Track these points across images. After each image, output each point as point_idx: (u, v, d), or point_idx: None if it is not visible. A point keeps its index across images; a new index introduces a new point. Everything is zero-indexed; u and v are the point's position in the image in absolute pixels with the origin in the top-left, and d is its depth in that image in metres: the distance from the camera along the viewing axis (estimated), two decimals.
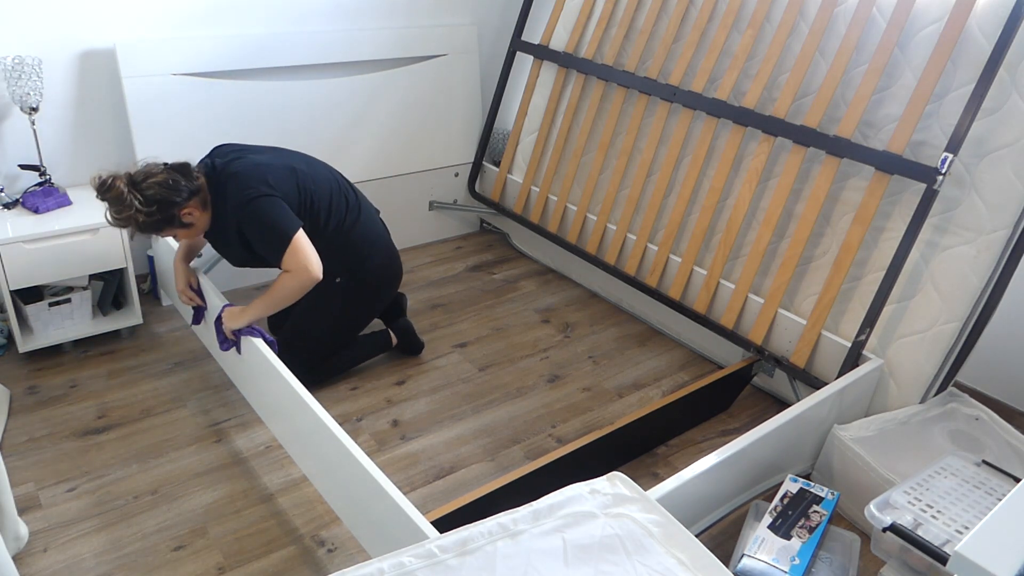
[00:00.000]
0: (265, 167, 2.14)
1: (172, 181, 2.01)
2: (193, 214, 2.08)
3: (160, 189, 1.99)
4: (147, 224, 2.01)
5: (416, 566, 1.17)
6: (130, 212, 1.97)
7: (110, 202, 1.98)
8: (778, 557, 1.70)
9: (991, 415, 2.17)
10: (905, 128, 2.09)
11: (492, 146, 3.55)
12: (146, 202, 1.97)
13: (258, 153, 2.21)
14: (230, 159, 2.16)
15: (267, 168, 2.14)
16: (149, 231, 2.05)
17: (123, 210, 1.97)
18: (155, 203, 1.98)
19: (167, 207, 2.01)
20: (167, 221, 2.03)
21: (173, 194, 2.01)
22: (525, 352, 2.70)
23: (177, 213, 2.04)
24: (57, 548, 1.81)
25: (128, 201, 1.96)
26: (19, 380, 2.38)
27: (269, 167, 2.15)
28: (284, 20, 2.88)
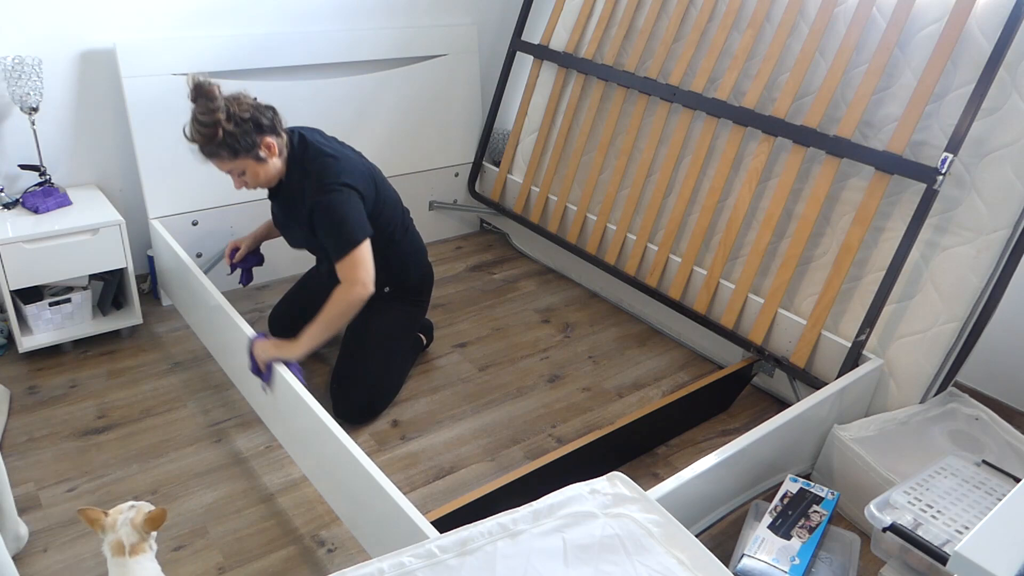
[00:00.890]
0: (355, 162, 2.13)
1: (264, 108, 1.98)
2: (272, 149, 2.01)
3: (253, 107, 1.95)
4: (228, 137, 1.91)
5: (416, 566, 1.17)
6: (218, 116, 1.88)
7: (201, 101, 1.89)
8: (778, 557, 1.70)
9: (991, 415, 2.18)
10: (905, 128, 2.09)
11: (492, 146, 3.55)
12: (239, 110, 1.91)
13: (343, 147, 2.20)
14: (319, 138, 2.13)
15: (356, 164, 2.12)
16: (223, 149, 1.94)
17: (212, 113, 1.88)
18: (247, 114, 1.93)
19: (254, 125, 1.94)
20: (247, 142, 1.94)
21: (263, 117, 1.96)
22: (525, 352, 2.70)
23: (259, 140, 1.96)
24: (57, 548, 1.81)
25: (220, 104, 1.89)
26: (19, 380, 2.38)
27: (357, 163, 2.13)
28: (284, 20, 2.88)
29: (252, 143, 1.95)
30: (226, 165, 2.00)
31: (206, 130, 1.90)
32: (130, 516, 1.46)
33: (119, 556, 1.43)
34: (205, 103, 1.89)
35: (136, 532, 1.44)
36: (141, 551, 1.44)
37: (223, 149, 1.94)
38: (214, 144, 1.92)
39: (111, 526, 1.45)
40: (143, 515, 1.46)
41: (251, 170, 2.02)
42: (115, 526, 1.44)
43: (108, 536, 1.45)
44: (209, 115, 1.89)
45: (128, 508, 1.47)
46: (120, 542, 1.43)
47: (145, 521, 1.45)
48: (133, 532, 1.44)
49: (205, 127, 1.90)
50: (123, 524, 1.44)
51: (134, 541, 1.44)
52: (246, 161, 1.98)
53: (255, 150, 1.97)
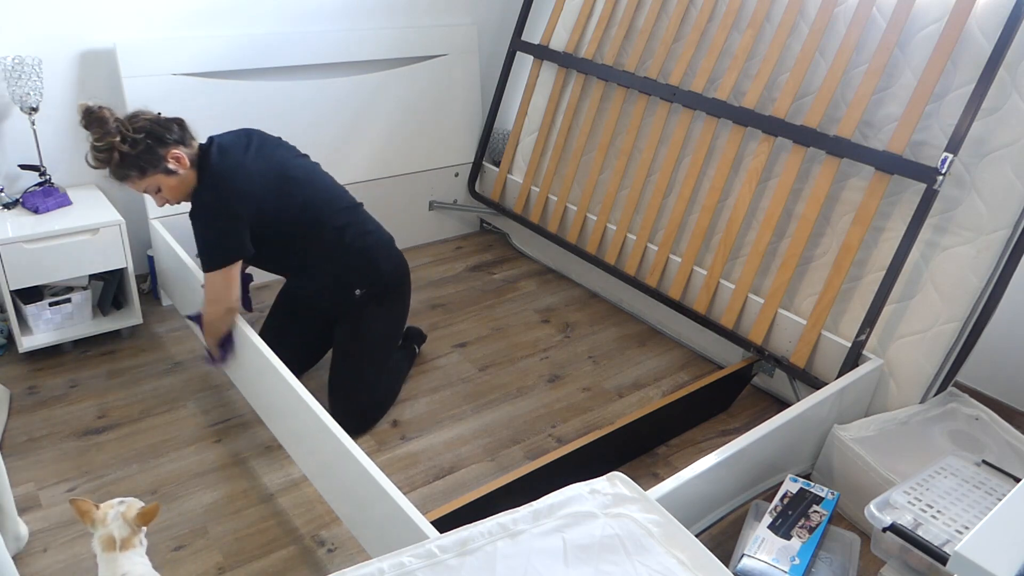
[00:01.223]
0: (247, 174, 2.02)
1: (165, 121, 1.94)
2: (181, 161, 1.94)
3: (150, 124, 1.90)
4: (128, 158, 1.86)
5: (416, 566, 1.17)
6: (113, 139, 1.84)
7: (93, 127, 1.85)
8: (778, 557, 1.70)
9: (991, 415, 2.17)
10: (905, 128, 2.09)
11: (492, 146, 3.55)
12: (133, 130, 1.86)
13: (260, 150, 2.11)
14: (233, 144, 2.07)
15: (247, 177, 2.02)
16: (128, 169, 1.89)
17: (105, 136, 1.84)
18: (142, 132, 1.88)
19: (154, 141, 1.89)
20: (150, 158, 1.89)
21: (163, 131, 1.90)
22: (525, 352, 2.70)
23: (163, 153, 1.90)
24: (57, 548, 1.81)
25: (112, 127, 1.84)
26: (19, 380, 2.38)
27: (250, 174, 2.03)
28: (284, 20, 2.88)
29: (155, 157, 1.90)
30: (139, 185, 1.96)
31: (103, 155, 1.88)
32: (121, 510, 1.45)
33: (110, 551, 1.42)
34: (97, 129, 1.86)
35: (127, 526, 1.44)
36: (132, 546, 1.44)
37: (129, 169, 1.90)
38: (117, 166, 1.89)
39: (101, 520, 1.44)
40: (135, 509, 1.46)
41: (165, 185, 1.97)
42: (106, 520, 1.44)
43: (99, 531, 1.44)
44: (103, 139, 1.86)
45: (118, 503, 1.47)
46: (111, 536, 1.43)
47: (137, 516, 1.45)
48: (124, 526, 1.44)
49: (101, 152, 1.87)
50: (114, 518, 1.44)
51: (125, 535, 1.43)
52: (156, 177, 1.94)
53: (162, 164, 1.92)
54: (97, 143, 1.86)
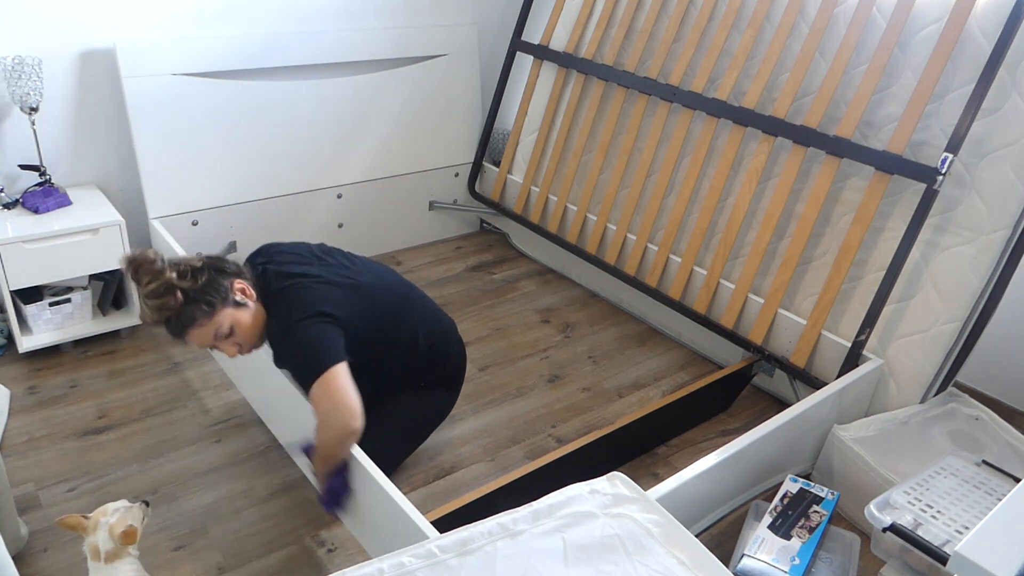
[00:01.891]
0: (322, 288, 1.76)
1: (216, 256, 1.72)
2: (247, 292, 1.70)
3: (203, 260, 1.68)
4: (191, 295, 1.60)
5: (416, 566, 1.17)
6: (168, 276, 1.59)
7: (141, 273, 1.60)
8: (778, 557, 1.70)
9: (991, 415, 2.17)
10: (905, 128, 2.09)
11: (492, 146, 3.55)
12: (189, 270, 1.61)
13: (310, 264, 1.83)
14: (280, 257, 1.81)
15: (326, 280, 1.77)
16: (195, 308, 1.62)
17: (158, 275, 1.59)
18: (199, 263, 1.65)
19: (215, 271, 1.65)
20: (217, 290, 1.63)
21: (220, 263, 1.68)
22: (525, 352, 2.70)
23: (228, 284, 1.65)
24: (57, 548, 1.81)
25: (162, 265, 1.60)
26: (19, 380, 2.38)
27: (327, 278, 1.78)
28: (284, 20, 2.88)
29: (223, 288, 1.64)
30: (208, 330, 1.66)
31: (162, 300, 1.59)
32: (111, 522, 1.45)
33: (95, 560, 1.44)
34: (146, 272, 1.59)
35: (112, 541, 1.44)
36: (118, 557, 1.44)
37: (196, 308, 1.62)
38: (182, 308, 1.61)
39: (92, 529, 1.45)
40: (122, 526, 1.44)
41: (238, 323, 1.68)
42: (96, 528, 1.44)
43: (89, 538, 1.45)
44: (157, 280, 1.59)
45: (112, 512, 1.47)
46: (96, 547, 1.43)
47: (120, 535, 1.44)
48: (109, 540, 1.44)
49: (159, 296, 1.59)
50: (103, 527, 1.44)
51: (109, 548, 1.43)
52: (225, 313, 1.65)
53: (230, 296, 1.65)
54: (151, 285, 1.58)
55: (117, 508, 1.49)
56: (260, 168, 2.88)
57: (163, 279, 1.59)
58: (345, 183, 3.13)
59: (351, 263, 1.92)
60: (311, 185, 3.03)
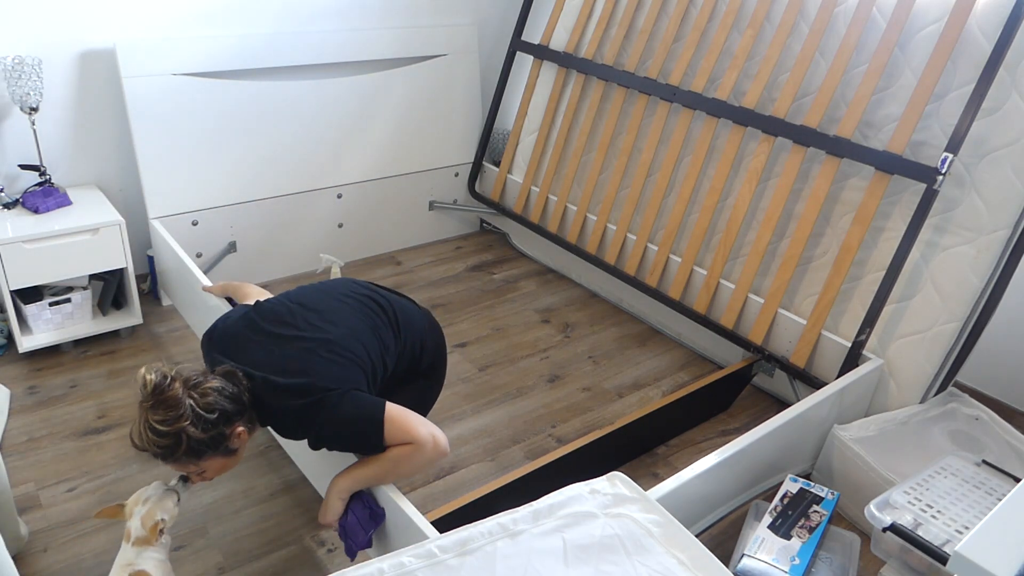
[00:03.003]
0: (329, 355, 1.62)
1: (232, 388, 1.53)
2: (242, 437, 1.56)
3: (219, 396, 1.50)
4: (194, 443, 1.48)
5: (416, 566, 1.17)
6: (183, 424, 1.45)
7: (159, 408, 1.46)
8: (778, 557, 1.70)
9: (991, 415, 2.17)
10: (905, 128, 2.09)
11: (492, 146, 3.55)
12: (205, 409, 1.47)
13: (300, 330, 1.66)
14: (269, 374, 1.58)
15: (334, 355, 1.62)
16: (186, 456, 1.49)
17: (176, 421, 1.45)
18: (215, 412, 1.48)
19: (224, 422, 1.51)
20: (215, 441, 1.51)
21: (234, 404, 1.52)
22: (525, 352, 2.70)
23: (229, 432, 1.52)
24: (57, 548, 1.81)
25: (184, 410, 1.46)
26: (19, 380, 2.38)
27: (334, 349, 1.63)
28: (284, 20, 2.88)
29: (222, 438, 1.52)
30: (187, 468, 1.56)
31: (165, 440, 1.46)
32: (144, 512, 1.50)
33: (126, 540, 1.50)
34: (165, 412, 1.45)
35: (144, 529, 1.49)
36: (147, 544, 1.49)
37: (184, 456, 1.50)
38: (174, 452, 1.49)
39: (129, 514, 1.51)
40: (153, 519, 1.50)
41: (215, 466, 1.57)
42: (131, 515, 1.51)
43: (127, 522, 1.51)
44: (171, 425, 1.46)
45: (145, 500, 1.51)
46: (129, 531, 1.50)
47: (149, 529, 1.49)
48: (141, 528, 1.49)
49: (164, 437, 1.46)
50: (136, 515, 1.50)
51: (140, 535, 1.49)
52: (212, 460, 1.55)
53: (222, 445, 1.53)
54: (160, 426, 1.45)
55: (150, 496, 1.52)
56: (260, 168, 2.88)
57: (177, 427, 1.46)
58: (345, 183, 3.13)
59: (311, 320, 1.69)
60: (311, 185, 3.03)
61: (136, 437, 1.48)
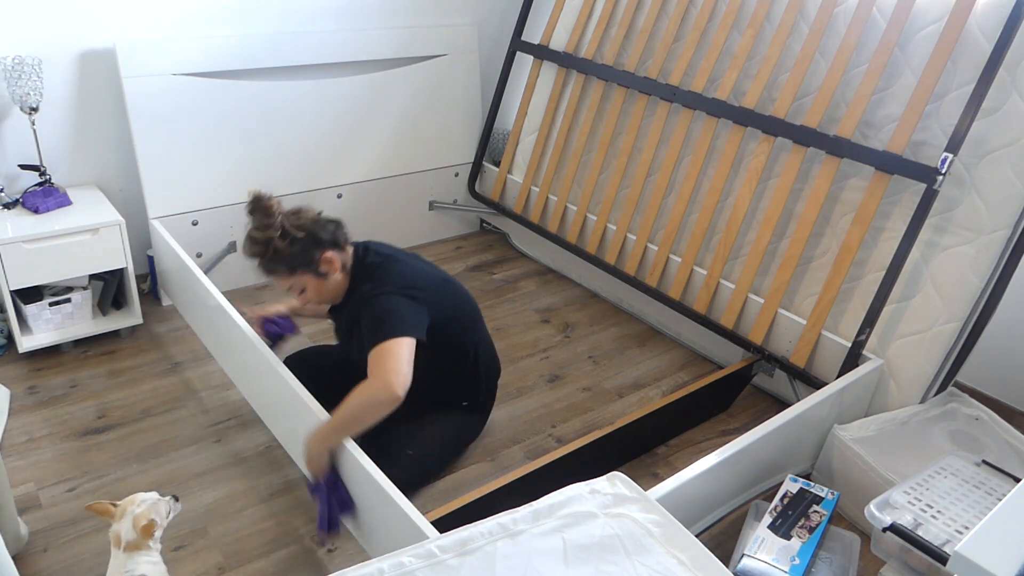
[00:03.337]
0: (421, 269, 1.98)
1: (325, 222, 1.88)
2: (333, 264, 1.87)
3: (311, 223, 1.85)
4: (281, 255, 1.82)
5: (416, 566, 1.17)
6: (273, 233, 1.80)
7: (257, 215, 1.82)
8: (778, 557, 1.70)
9: (991, 415, 2.17)
10: (905, 128, 2.09)
11: (492, 146, 3.55)
12: (295, 227, 1.82)
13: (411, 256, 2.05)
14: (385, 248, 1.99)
15: (422, 271, 1.97)
16: (278, 265, 1.84)
17: (266, 228, 1.80)
18: (303, 231, 1.83)
19: (311, 241, 1.83)
20: (304, 258, 1.83)
21: (322, 231, 1.85)
22: (525, 352, 2.70)
23: (318, 255, 1.83)
24: (57, 548, 1.81)
25: (275, 221, 1.80)
26: (19, 380, 2.38)
27: (424, 270, 1.98)
28: (284, 20, 2.88)
29: (310, 259, 1.84)
30: (285, 282, 1.89)
31: (258, 247, 1.83)
32: (137, 512, 1.48)
33: (116, 547, 1.47)
34: (260, 219, 1.82)
35: (134, 532, 1.47)
36: (138, 548, 1.47)
37: (280, 265, 1.85)
38: (269, 260, 1.84)
39: (119, 515, 1.49)
40: (144, 519, 1.48)
41: (312, 286, 1.89)
42: (122, 516, 1.48)
43: (114, 524, 1.48)
44: (262, 231, 1.81)
45: (140, 503, 1.50)
46: (119, 535, 1.47)
47: (141, 528, 1.47)
48: (132, 530, 1.47)
49: (257, 244, 1.83)
50: (129, 516, 1.48)
51: (131, 539, 1.46)
52: (305, 277, 1.87)
53: (314, 266, 1.85)
54: (255, 232, 1.82)
55: (145, 499, 1.51)
56: (260, 168, 2.88)
57: (267, 233, 1.81)
58: (345, 183, 3.13)
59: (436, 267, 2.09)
60: (311, 185, 3.03)
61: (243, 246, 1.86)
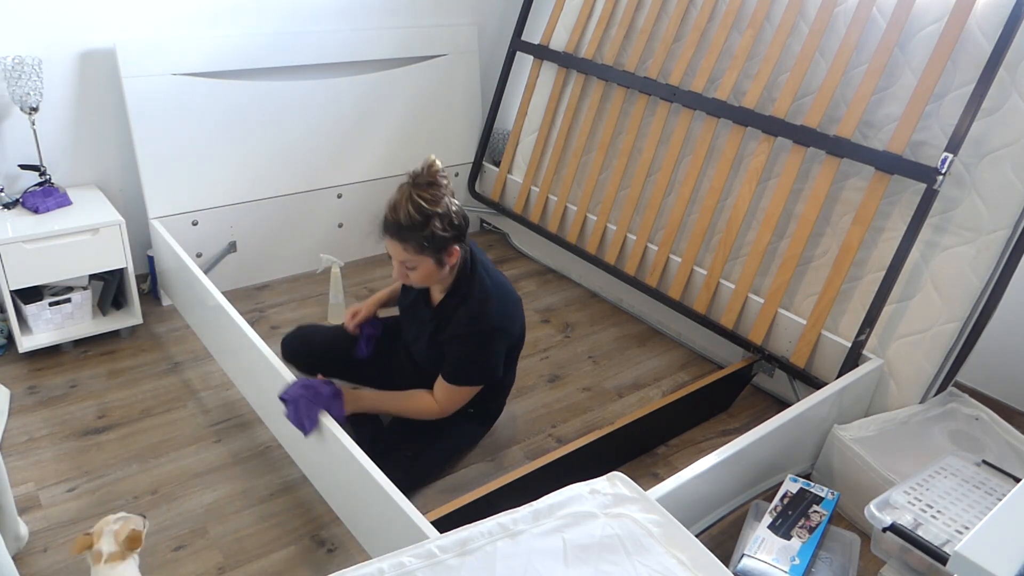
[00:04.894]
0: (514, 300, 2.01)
1: (466, 217, 1.86)
2: (454, 258, 1.85)
3: (462, 219, 1.84)
4: (424, 232, 1.76)
5: (416, 566, 1.17)
6: (435, 210, 1.75)
7: (426, 187, 1.76)
8: (778, 557, 1.70)
9: (991, 415, 2.17)
10: (905, 128, 2.09)
11: (492, 146, 3.55)
12: (456, 214, 1.80)
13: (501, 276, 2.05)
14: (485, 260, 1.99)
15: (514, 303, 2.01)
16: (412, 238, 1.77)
17: (432, 203, 1.75)
18: (459, 222, 1.82)
19: (459, 233, 1.82)
20: (440, 245, 1.80)
21: (465, 229, 1.85)
22: (525, 352, 2.68)
23: (451, 248, 1.82)
24: (57, 548, 1.81)
25: (443, 201, 1.77)
26: (19, 380, 2.38)
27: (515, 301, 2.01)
28: (284, 20, 2.88)
29: (445, 249, 1.81)
30: (405, 255, 1.82)
31: (418, 219, 1.75)
32: (115, 528, 1.50)
33: (96, 564, 1.48)
34: (430, 191, 1.76)
35: (117, 545, 1.48)
36: (119, 559, 1.48)
37: (412, 240, 1.78)
38: (409, 230, 1.77)
39: (97, 537, 1.49)
40: (126, 532, 1.49)
41: (425, 270, 1.84)
42: (100, 536, 1.49)
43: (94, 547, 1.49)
44: (430, 204, 1.75)
45: (115, 520, 1.51)
46: (99, 552, 1.48)
47: (125, 540, 1.49)
48: (113, 544, 1.48)
49: (418, 214, 1.75)
50: (107, 535, 1.49)
51: (112, 551, 1.48)
52: (425, 259, 1.81)
53: (442, 255, 1.82)
54: (421, 201, 1.75)
55: (119, 517, 1.53)
56: (260, 168, 2.88)
57: (432, 210, 1.76)
58: (345, 183, 3.13)
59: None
60: (311, 185, 3.03)
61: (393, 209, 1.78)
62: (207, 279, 2.31)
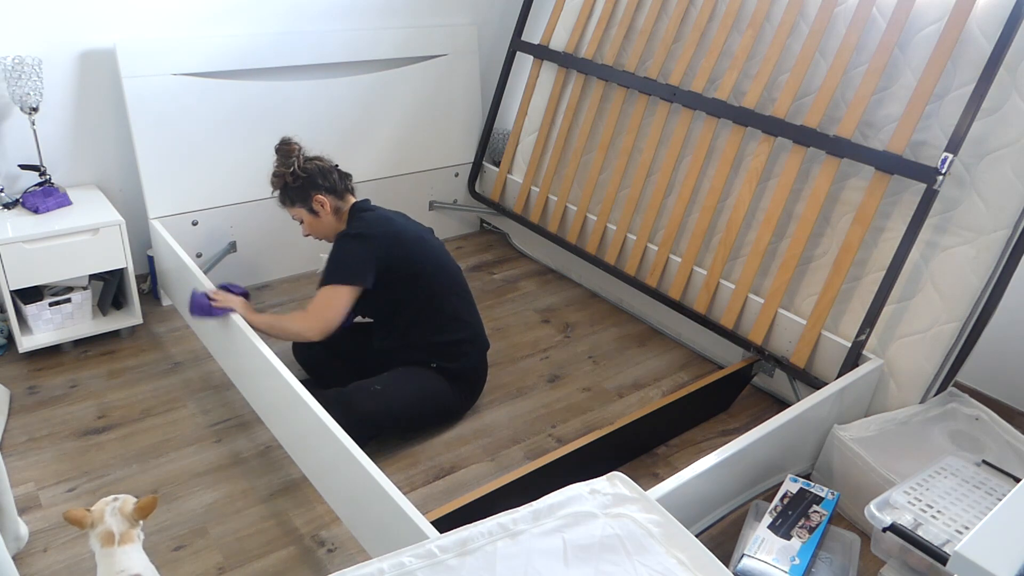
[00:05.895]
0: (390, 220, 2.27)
1: (330, 171, 2.25)
2: (325, 207, 2.24)
3: (316, 168, 2.23)
4: (290, 187, 2.24)
5: (416, 566, 1.17)
6: (287, 169, 2.22)
7: (280, 156, 2.24)
8: (778, 557, 1.70)
9: (991, 415, 2.17)
10: (905, 128, 2.09)
11: (492, 146, 3.55)
12: (301, 169, 2.22)
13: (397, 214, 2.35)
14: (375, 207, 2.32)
15: (390, 221, 2.26)
16: (284, 197, 2.27)
17: (284, 165, 2.22)
18: (306, 173, 2.22)
19: (309, 184, 2.22)
20: (300, 195, 2.23)
21: (320, 178, 2.23)
22: (525, 352, 2.70)
23: (312, 195, 2.22)
24: (57, 548, 1.81)
25: (292, 161, 2.22)
26: (19, 380, 2.38)
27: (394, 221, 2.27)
28: (284, 20, 2.88)
29: (306, 195, 2.23)
30: (289, 211, 2.31)
31: (276, 180, 2.26)
32: (118, 506, 1.47)
33: (108, 546, 1.43)
34: (282, 159, 2.24)
35: (125, 521, 1.45)
36: (130, 540, 1.45)
37: (284, 197, 2.28)
38: (280, 193, 2.27)
39: (99, 518, 1.45)
40: (131, 504, 1.47)
41: (307, 221, 2.29)
42: (103, 517, 1.45)
43: (96, 528, 1.45)
44: (281, 166, 2.24)
45: (112, 499, 1.48)
46: (110, 532, 1.44)
47: (135, 509, 1.46)
48: (123, 521, 1.45)
49: (276, 177, 2.26)
50: (112, 514, 1.45)
51: (123, 530, 1.45)
52: (300, 211, 2.27)
53: (308, 203, 2.24)
54: (277, 167, 2.25)
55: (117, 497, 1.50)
56: (260, 168, 2.85)
57: (281, 171, 2.24)
58: None
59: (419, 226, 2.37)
60: None
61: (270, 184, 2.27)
62: (207, 279, 2.31)
